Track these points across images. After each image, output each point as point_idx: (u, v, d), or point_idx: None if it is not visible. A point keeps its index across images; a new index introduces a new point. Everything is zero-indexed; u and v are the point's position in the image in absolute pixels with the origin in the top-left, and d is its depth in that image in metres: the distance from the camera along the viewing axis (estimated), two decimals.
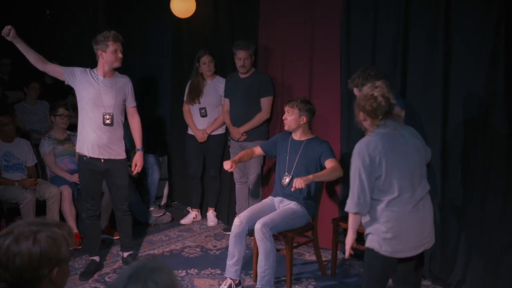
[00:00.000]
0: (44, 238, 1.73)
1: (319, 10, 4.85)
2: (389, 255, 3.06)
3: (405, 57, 4.26)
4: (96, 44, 4.25)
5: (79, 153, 4.43)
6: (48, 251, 1.72)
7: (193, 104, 5.54)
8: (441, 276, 4.22)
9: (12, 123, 5.30)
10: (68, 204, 5.17)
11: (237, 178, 5.37)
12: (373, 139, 3.03)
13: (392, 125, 3.06)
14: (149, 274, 1.60)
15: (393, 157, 3.00)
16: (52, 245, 1.73)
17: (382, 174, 2.99)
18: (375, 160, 2.98)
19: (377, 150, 2.98)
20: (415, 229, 3.07)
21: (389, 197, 3.01)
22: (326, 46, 4.82)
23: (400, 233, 3.02)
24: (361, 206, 3.02)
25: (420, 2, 4.16)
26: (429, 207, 3.17)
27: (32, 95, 6.35)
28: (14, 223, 1.83)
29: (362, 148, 3.01)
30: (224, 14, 5.64)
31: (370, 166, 2.98)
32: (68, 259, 1.81)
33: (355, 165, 3.02)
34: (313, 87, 4.95)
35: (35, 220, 1.82)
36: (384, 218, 3.02)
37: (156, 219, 5.77)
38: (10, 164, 5.28)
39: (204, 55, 5.42)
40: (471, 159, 3.98)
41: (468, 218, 4.04)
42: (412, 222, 3.04)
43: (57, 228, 1.79)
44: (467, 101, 3.98)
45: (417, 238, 3.09)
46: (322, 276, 4.47)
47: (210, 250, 5.09)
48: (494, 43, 3.75)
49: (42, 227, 1.76)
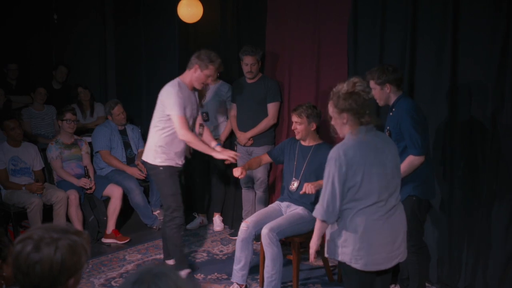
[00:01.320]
0: (65, 247, 1.72)
1: (326, 15, 4.85)
2: (362, 268, 2.91)
3: (413, 63, 4.24)
4: (198, 58, 4.18)
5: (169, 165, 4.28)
6: (69, 261, 1.71)
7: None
8: (449, 282, 4.20)
9: (18, 128, 5.32)
10: (74, 208, 5.18)
11: (244, 183, 5.37)
12: (351, 147, 2.87)
13: (372, 130, 2.95)
14: (154, 280, 1.58)
15: (371, 166, 2.86)
16: (72, 255, 1.73)
17: (356, 184, 2.85)
18: (351, 170, 2.83)
19: (355, 159, 2.83)
20: (387, 239, 2.93)
21: (362, 206, 2.87)
22: (333, 51, 4.81)
23: (371, 243, 2.89)
24: (329, 215, 2.89)
25: (428, 7, 4.15)
26: (402, 217, 3.04)
27: (38, 100, 6.38)
28: (32, 227, 1.81)
29: (340, 155, 2.84)
30: (231, 19, 5.65)
31: (345, 175, 2.83)
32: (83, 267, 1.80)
33: (330, 171, 2.86)
34: (320, 92, 4.94)
35: (54, 226, 1.80)
36: (354, 228, 2.88)
37: (161, 223, 5.77)
38: (17, 168, 5.30)
39: None
40: (479, 163, 3.96)
41: (475, 223, 4.01)
42: (384, 230, 2.91)
43: (76, 236, 1.77)
44: (475, 103, 3.97)
45: (389, 249, 2.95)
46: (329, 281, 4.46)
47: (217, 255, 5.08)
48: (503, 45, 3.74)
49: (62, 234, 1.74)
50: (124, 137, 5.92)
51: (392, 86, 3.69)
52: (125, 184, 5.57)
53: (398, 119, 3.65)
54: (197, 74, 4.18)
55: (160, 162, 4.25)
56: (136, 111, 6.72)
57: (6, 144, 5.30)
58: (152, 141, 4.31)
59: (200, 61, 4.15)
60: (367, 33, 4.54)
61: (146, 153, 4.36)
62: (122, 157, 5.83)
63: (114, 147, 5.82)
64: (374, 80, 3.69)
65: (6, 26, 6.71)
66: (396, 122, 3.67)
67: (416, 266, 3.77)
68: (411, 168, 3.62)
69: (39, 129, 6.33)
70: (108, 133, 5.81)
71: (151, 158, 4.29)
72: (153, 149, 4.27)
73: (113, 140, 5.82)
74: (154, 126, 4.30)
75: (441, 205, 4.18)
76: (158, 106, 4.30)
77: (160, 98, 4.28)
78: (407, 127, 3.59)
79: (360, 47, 4.60)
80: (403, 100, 3.70)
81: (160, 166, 4.26)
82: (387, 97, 3.73)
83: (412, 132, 3.58)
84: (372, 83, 3.70)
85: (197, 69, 4.17)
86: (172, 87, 4.20)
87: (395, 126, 3.67)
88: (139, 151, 5.97)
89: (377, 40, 4.45)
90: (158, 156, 4.25)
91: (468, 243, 4.08)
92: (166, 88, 4.24)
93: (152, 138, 4.31)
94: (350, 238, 2.90)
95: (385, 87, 3.68)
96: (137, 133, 6.09)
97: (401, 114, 3.63)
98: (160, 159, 4.25)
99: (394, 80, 3.68)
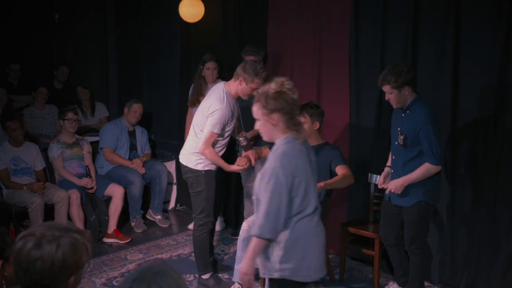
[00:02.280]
0: (67, 245, 1.71)
1: (327, 15, 4.85)
2: (305, 280, 2.76)
3: (415, 63, 4.25)
4: (244, 71, 4.00)
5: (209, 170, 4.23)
6: (70, 259, 1.71)
7: (194, 106, 5.51)
8: (451, 282, 4.20)
9: (20, 128, 5.32)
10: (76, 208, 5.19)
11: (245, 182, 5.36)
12: (293, 155, 2.69)
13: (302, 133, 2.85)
14: (154, 278, 1.58)
15: (308, 173, 2.73)
16: (74, 253, 1.72)
17: (300, 194, 2.68)
18: (296, 179, 2.66)
19: (298, 168, 2.67)
20: (323, 245, 2.83)
21: (302, 215, 2.71)
22: (335, 51, 4.82)
23: (313, 252, 2.76)
24: (275, 231, 2.66)
25: (429, 7, 4.15)
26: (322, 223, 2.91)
27: (40, 100, 6.38)
28: (34, 225, 1.80)
29: (286, 164, 2.65)
30: (233, 19, 5.64)
31: (291, 185, 2.65)
32: (84, 266, 1.79)
33: (277, 182, 2.63)
34: (322, 92, 4.94)
35: (56, 224, 1.79)
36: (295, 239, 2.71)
37: None
38: (19, 168, 5.30)
39: (210, 60, 5.37)
40: (481, 163, 3.96)
41: (477, 224, 4.01)
42: (321, 236, 2.82)
43: (78, 234, 1.77)
44: (476, 103, 3.97)
45: (324, 255, 2.87)
46: (330, 281, 4.45)
47: (218, 254, 5.08)
48: (504, 45, 3.74)
49: (64, 232, 1.74)
50: (132, 138, 5.93)
51: (410, 88, 3.58)
52: (128, 177, 5.59)
53: (417, 124, 3.54)
54: (243, 86, 4.03)
55: (203, 167, 4.20)
56: None
57: (7, 144, 5.31)
58: (193, 145, 4.21)
59: (246, 74, 3.99)
60: (368, 33, 4.54)
61: (186, 158, 4.28)
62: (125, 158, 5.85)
63: (120, 146, 5.83)
64: (391, 84, 3.56)
65: (7, 26, 6.70)
66: (413, 126, 3.56)
67: (418, 267, 3.78)
68: (426, 175, 3.59)
69: (41, 129, 6.33)
70: (117, 132, 5.82)
71: (193, 163, 4.22)
72: (195, 154, 4.20)
73: (120, 140, 5.83)
74: (197, 133, 4.18)
75: (443, 205, 4.18)
76: (201, 114, 4.16)
77: (203, 109, 4.14)
78: (427, 135, 3.51)
79: (361, 47, 4.60)
80: (420, 104, 3.60)
81: (202, 171, 4.21)
82: (405, 99, 3.61)
83: (433, 140, 3.51)
84: (388, 88, 3.59)
85: (242, 81, 4.02)
86: (220, 102, 4.05)
87: (412, 130, 3.58)
88: (144, 154, 5.99)
89: (379, 39, 4.45)
90: (199, 161, 4.20)
91: (470, 244, 4.08)
92: (214, 102, 4.06)
93: (194, 143, 4.19)
94: (292, 250, 2.72)
95: (404, 89, 3.56)
96: (145, 137, 6.11)
97: (420, 120, 3.53)
98: (202, 164, 4.20)
99: (411, 80, 3.58)
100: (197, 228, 4.32)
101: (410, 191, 3.66)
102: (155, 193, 5.91)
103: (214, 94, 4.13)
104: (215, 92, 4.14)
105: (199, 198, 4.27)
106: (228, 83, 4.14)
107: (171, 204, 6.43)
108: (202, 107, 4.17)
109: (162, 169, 5.94)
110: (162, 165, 6.07)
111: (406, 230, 3.77)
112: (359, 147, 4.69)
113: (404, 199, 3.72)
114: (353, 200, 4.81)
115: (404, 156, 3.67)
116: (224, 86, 4.12)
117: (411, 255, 3.79)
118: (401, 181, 3.65)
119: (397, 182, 3.66)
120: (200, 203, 4.26)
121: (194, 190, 4.24)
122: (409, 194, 3.67)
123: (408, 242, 3.77)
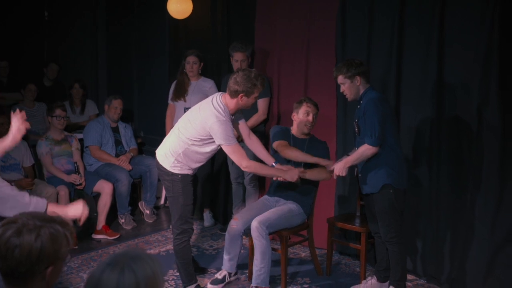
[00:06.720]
0: (47, 235, 1.72)
1: (315, 12, 4.88)
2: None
3: (400, 58, 4.29)
4: (239, 85, 3.81)
5: (186, 174, 3.97)
6: (48, 249, 1.71)
7: (177, 101, 5.50)
8: (436, 274, 4.23)
9: (7, 124, 5.31)
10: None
11: (234, 178, 5.38)
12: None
13: None
14: (128, 262, 1.58)
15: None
16: (53, 243, 1.72)
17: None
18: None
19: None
20: None
21: None
22: (322, 47, 4.85)
23: None
24: None
25: (415, 4, 4.19)
26: None
27: (29, 97, 6.37)
28: (20, 213, 1.81)
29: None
30: (221, 15, 5.66)
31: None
32: (64, 258, 1.80)
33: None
34: (309, 88, 4.97)
35: (40, 214, 1.80)
36: None
37: None
38: (7, 164, 5.29)
39: (190, 55, 5.38)
40: (465, 157, 4.00)
41: (462, 216, 4.05)
42: None
43: (60, 226, 1.77)
44: (461, 100, 4.01)
45: None
46: (318, 275, 4.48)
47: (207, 250, 5.09)
48: (488, 42, 3.77)
49: (46, 222, 1.75)
50: (116, 134, 5.94)
51: (362, 78, 3.71)
52: (115, 174, 5.60)
53: (365, 110, 3.66)
54: (244, 101, 3.86)
55: (179, 171, 3.96)
56: (128, 108, 6.72)
57: None
58: (173, 149, 3.94)
59: (245, 88, 3.81)
60: (355, 29, 4.58)
61: (163, 157, 4.01)
62: (112, 154, 5.86)
63: (105, 143, 5.84)
64: (343, 74, 3.72)
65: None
66: (362, 113, 3.69)
67: (397, 256, 3.79)
68: (364, 156, 3.70)
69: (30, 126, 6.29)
70: (100, 128, 5.82)
71: (169, 165, 3.96)
72: (173, 156, 3.94)
73: (104, 136, 5.83)
74: (183, 140, 3.90)
75: (428, 198, 4.22)
76: (194, 124, 3.87)
77: (202, 124, 3.83)
78: (369, 115, 3.62)
79: (348, 42, 4.63)
80: (370, 92, 3.72)
81: (179, 175, 3.97)
82: (357, 90, 3.74)
83: (374, 121, 3.59)
84: (341, 78, 3.75)
85: (242, 97, 3.84)
86: (217, 119, 3.78)
87: (362, 116, 3.70)
88: (131, 149, 5.99)
89: (365, 35, 4.49)
90: (176, 164, 3.95)
91: (454, 236, 4.11)
92: (212, 119, 3.79)
93: (174, 147, 3.94)
94: None
95: (355, 79, 3.71)
96: (130, 131, 6.11)
97: (367, 104, 3.65)
98: (178, 167, 3.96)
99: (363, 72, 3.72)
100: (176, 237, 4.06)
101: (374, 177, 3.73)
102: (147, 186, 5.92)
103: (210, 108, 3.85)
104: (211, 106, 3.86)
105: (177, 203, 4.01)
106: (225, 98, 3.89)
107: (161, 200, 6.44)
108: (194, 117, 3.91)
109: (151, 163, 5.92)
110: (152, 158, 6.06)
111: (379, 221, 3.81)
112: (345, 142, 4.72)
113: (370, 186, 3.79)
114: (340, 195, 4.84)
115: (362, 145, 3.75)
116: (222, 101, 3.87)
117: (389, 246, 3.81)
118: (343, 163, 3.77)
119: (339, 165, 3.77)
120: (178, 209, 4.01)
121: (170, 194, 4.04)
122: (373, 179, 3.74)
123: (383, 232, 3.80)
